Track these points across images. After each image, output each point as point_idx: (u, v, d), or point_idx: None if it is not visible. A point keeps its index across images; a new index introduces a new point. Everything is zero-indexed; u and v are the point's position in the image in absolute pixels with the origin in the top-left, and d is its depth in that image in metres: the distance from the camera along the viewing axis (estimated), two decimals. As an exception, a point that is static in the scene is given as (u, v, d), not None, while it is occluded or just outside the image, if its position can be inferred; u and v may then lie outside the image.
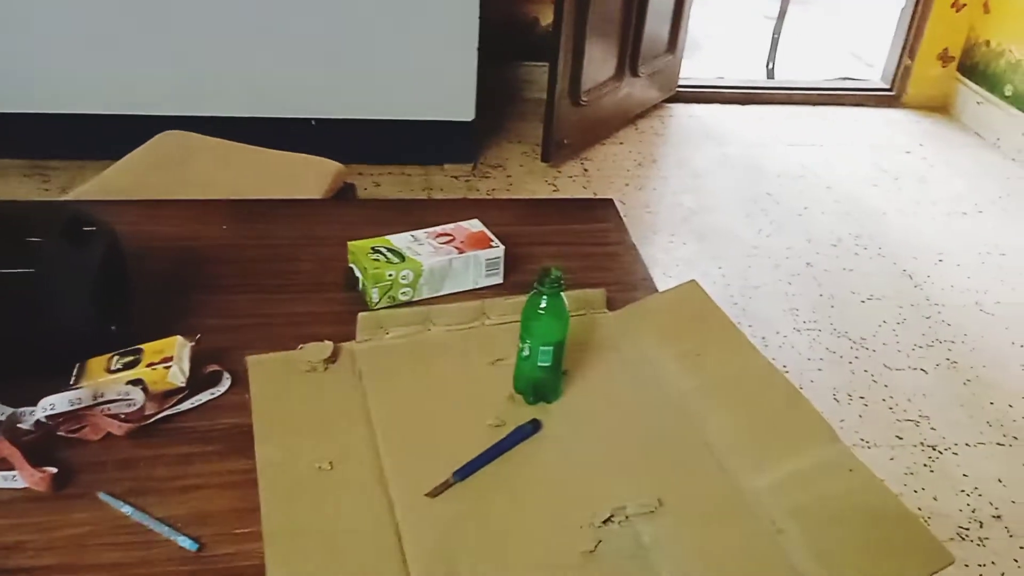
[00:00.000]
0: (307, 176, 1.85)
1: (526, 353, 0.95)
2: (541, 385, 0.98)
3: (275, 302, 1.16)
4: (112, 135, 2.33)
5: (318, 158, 1.91)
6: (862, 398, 2.06)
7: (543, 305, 0.93)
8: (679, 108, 3.47)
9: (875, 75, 3.93)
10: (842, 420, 1.98)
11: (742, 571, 0.81)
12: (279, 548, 0.79)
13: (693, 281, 1.18)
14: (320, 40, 2.61)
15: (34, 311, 0.93)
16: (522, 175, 2.85)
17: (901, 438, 1.96)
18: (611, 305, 1.17)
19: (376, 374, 1.01)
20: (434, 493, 0.86)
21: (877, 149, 3.36)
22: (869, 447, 1.91)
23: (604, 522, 0.84)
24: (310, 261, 1.24)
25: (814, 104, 3.65)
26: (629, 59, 3.08)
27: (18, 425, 0.89)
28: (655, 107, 3.41)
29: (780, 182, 3.03)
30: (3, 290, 0.92)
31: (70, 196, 1.76)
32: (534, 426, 0.94)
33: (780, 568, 0.81)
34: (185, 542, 0.79)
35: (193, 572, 0.77)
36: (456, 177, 2.80)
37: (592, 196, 2.79)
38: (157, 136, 1.93)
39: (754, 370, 1.05)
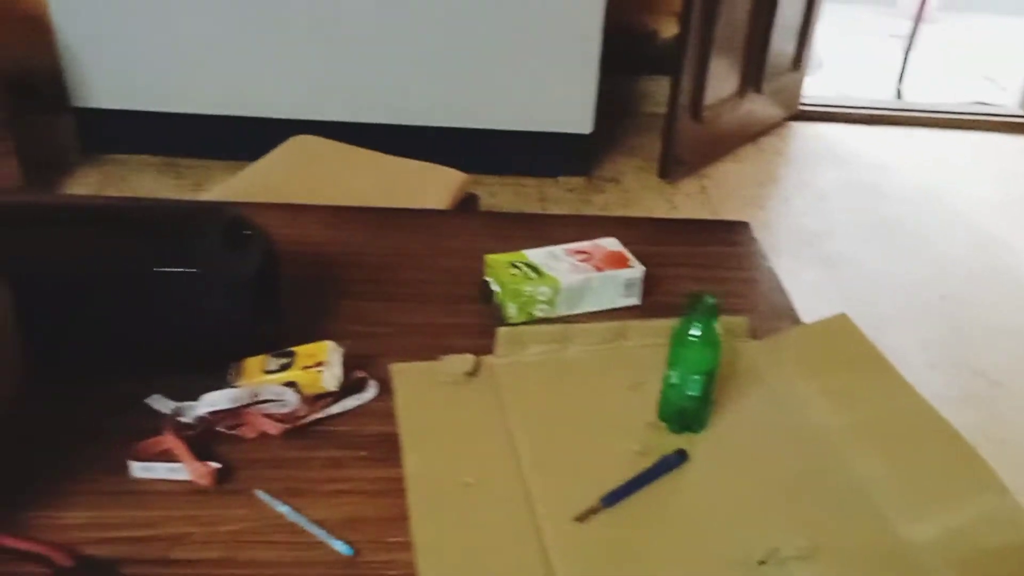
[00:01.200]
0: (432, 184, 1.88)
1: (674, 380, 0.93)
2: (688, 414, 0.95)
3: (410, 311, 1.17)
4: (240, 137, 2.43)
5: (442, 167, 1.93)
6: (1003, 441, 1.95)
7: (695, 332, 0.91)
8: (802, 127, 3.37)
9: (1010, 100, 3.73)
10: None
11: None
12: (431, 560, 0.79)
13: (843, 314, 1.14)
14: (443, 49, 2.65)
15: (194, 310, 0.97)
16: (638, 190, 2.82)
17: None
18: (753, 334, 1.13)
19: (516, 391, 1.01)
20: (582, 518, 0.84)
21: (1010, 177, 3.18)
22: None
23: (759, 563, 0.81)
24: (442, 272, 1.25)
25: (944, 128, 3.49)
26: (753, 75, 3.01)
27: (179, 419, 0.92)
28: (777, 125, 3.32)
29: (906, 207, 2.90)
30: (167, 289, 0.95)
31: (210, 195, 1.84)
32: (681, 456, 0.92)
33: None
34: (340, 547, 0.80)
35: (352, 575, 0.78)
36: (571, 190, 2.79)
37: (711, 215, 2.74)
38: (289, 140, 1.99)
39: (911, 410, 1.00)
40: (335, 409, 0.97)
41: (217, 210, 1.02)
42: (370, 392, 1.00)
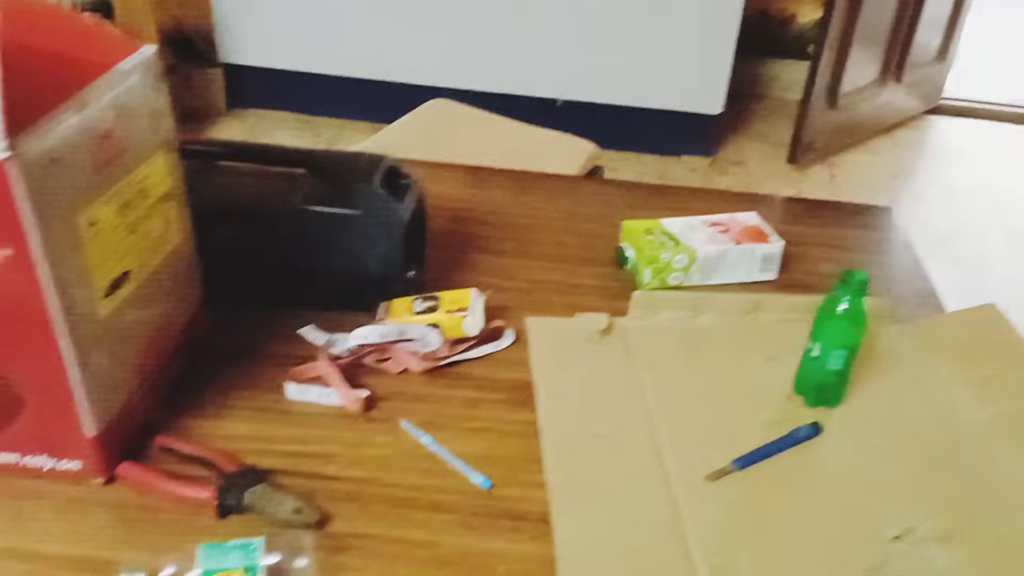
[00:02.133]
0: (561, 153, 1.90)
1: (816, 353, 0.93)
2: (826, 388, 0.95)
3: (545, 269, 1.20)
4: (375, 99, 2.52)
5: (573, 136, 1.95)
6: None
7: (843, 308, 0.90)
8: (941, 121, 3.22)
9: None
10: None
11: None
12: (564, 500, 0.82)
13: (992, 304, 1.09)
14: (579, 23, 2.66)
15: (353, 249, 1.02)
16: (763, 175, 2.77)
17: None
18: (895, 318, 1.11)
19: (648, 353, 1.03)
20: (713, 477, 0.86)
21: None
22: None
23: (894, 539, 0.80)
24: (577, 235, 1.28)
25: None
26: (894, 64, 2.89)
27: (331, 350, 0.98)
28: (915, 118, 3.19)
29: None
30: (329, 228, 1.01)
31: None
32: (815, 428, 0.92)
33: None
34: (478, 478, 0.84)
35: (485, 506, 0.82)
36: (693, 170, 2.76)
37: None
38: (426, 103, 2.05)
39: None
40: (473, 353, 1.01)
41: (378, 158, 1.07)
42: (506, 340, 1.03)
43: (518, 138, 1.95)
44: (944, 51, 3.12)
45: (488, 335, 1.03)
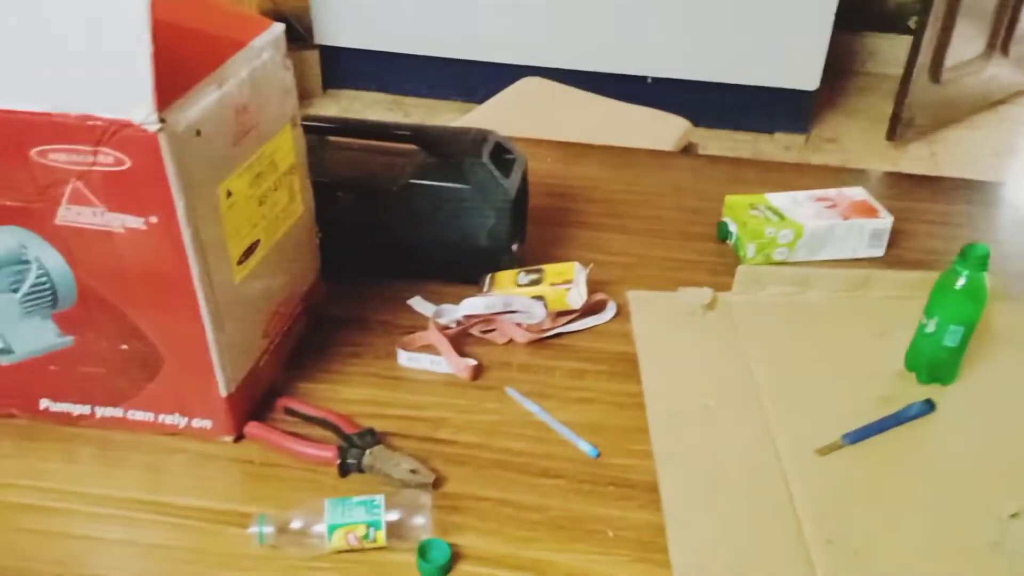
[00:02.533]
0: (656, 130, 1.89)
1: (931, 329, 0.91)
2: (940, 365, 0.93)
3: (646, 244, 1.20)
4: (464, 79, 2.54)
5: (667, 113, 1.94)
6: None
7: (962, 283, 0.88)
8: (1050, 95, 3.06)
9: None
10: None
11: None
12: (672, 469, 0.83)
13: (1118, 283, 1.05)
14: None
15: (462, 223, 1.05)
16: (859, 152, 2.68)
17: None
18: (1012, 296, 1.07)
19: (754, 328, 1.02)
20: (824, 452, 0.85)
21: None
22: None
23: (1012, 516, 0.79)
24: (678, 210, 1.27)
25: None
26: (1001, 38, 2.76)
27: (440, 320, 1.01)
28: (1021, 93, 3.04)
29: None
30: (438, 203, 1.04)
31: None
32: (929, 405, 0.90)
33: None
34: (585, 446, 0.86)
35: (592, 473, 0.83)
36: (787, 148, 2.70)
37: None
38: (519, 81, 2.06)
39: None
40: (577, 326, 1.02)
41: (485, 133, 1.09)
42: (609, 313, 1.04)
43: (611, 115, 1.95)
44: (1057, 21, 2.95)
45: (590, 308, 1.04)
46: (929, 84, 2.60)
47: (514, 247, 1.09)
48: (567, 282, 1.02)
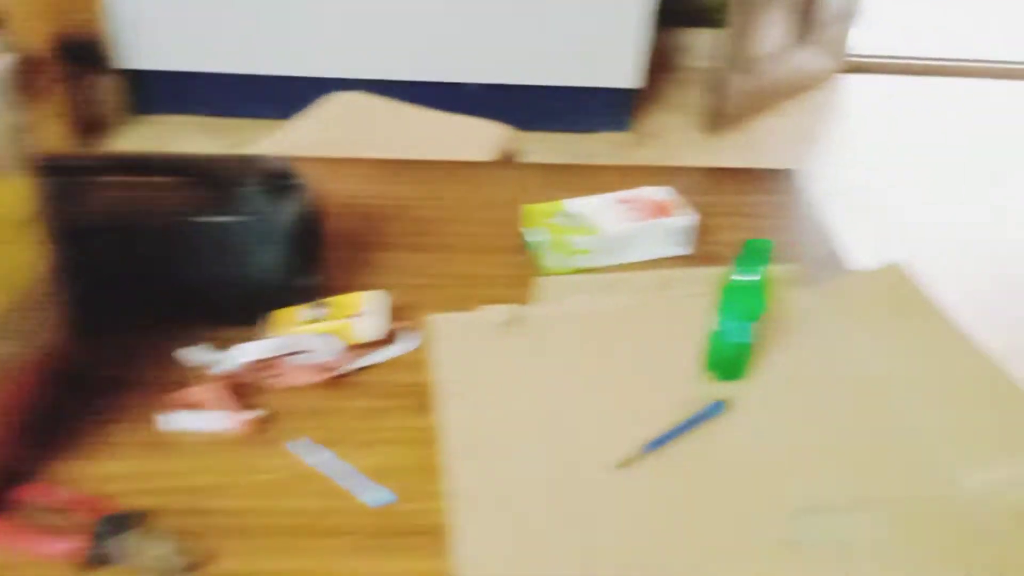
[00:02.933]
0: (473, 139, 1.85)
1: (720, 328, 0.90)
2: (731, 362, 0.92)
3: (450, 262, 1.15)
4: (281, 95, 2.42)
5: (484, 121, 1.90)
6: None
7: (745, 279, 0.87)
8: (852, 80, 3.25)
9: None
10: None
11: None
12: (466, 508, 0.78)
13: (896, 264, 1.08)
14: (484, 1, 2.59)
15: (232, 261, 0.96)
16: (680, 146, 2.76)
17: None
18: (802, 282, 1.09)
19: (555, 342, 0.99)
20: (624, 464, 0.82)
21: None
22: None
23: (802, 513, 0.78)
24: (483, 223, 1.23)
25: (1002, 78, 3.33)
26: (803, 26, 2.90)
27: (213, 370, 0.92)
28: (826, 78, 3.21)
29: (964, 164, 2.78)
30: (204, 239, 0.94)
31: (251, 152, 1.83)
32: (719, 406, 0.89)
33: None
34: (374, 495, 0.79)
35: (382, 525, 0.77)
36: (611, 146, 2.73)
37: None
38: (329, 96, 1.98)
39: (968, 362, 0.95)
40: (371, 359, 0.96)
41: (256, 161, 1.00)
42: (408, 343, 0.98)
43: (427, 126, 1.89)
44: (851, 10, 3.14)
45: (389, 338, 0.98)
46: (738, 75, 2.70)
47: (304, 281, 1.01)
48: (354, 314, 0.95)
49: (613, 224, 1.12)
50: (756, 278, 0.87)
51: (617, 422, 0.88)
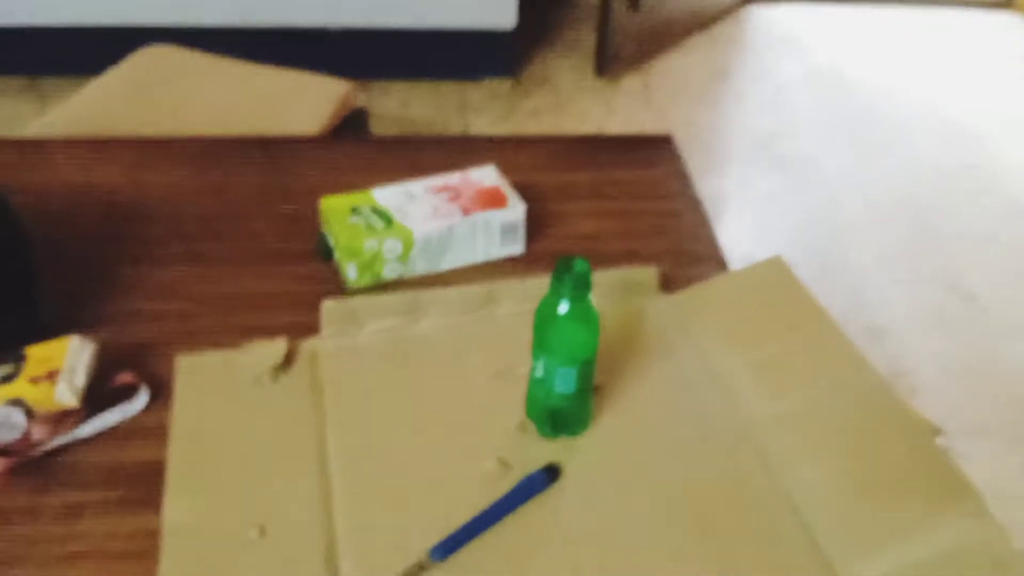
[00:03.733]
0: (308, 99, 1.57)
1: (540, 374, 0.68)
2: (561, 416, 0.71)
3: (225, 277, 0.89)
4: (104, 48, 2.07)
5: (322, 77, 1.62)
6: (974, 370, 1.74)
7: (563, 311, 0.65)
8: (759, 11, 3.03)
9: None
10: (950, 401, 1.67)
11: None
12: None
13: (778, 258, 0.88)
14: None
15: None
16: (572, 92, 2.50)
17: None
18: (667, 286, 0.88)
19: (341, 388, 0.76)
20: (400, 583, 0.61)
21: (990, 61, 2.89)
22: (983, 437, 1.60)
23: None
24: (277, 221, 0.97)
25: (915, 4, 3.16)
26: (701, -47, 2.66)
27: None
28: (730, 10, 2.98)
29: (875, 100, 2.61)
30: None
31: (46, 120, 1.52)
32: (549, 475, 0.68)
33: None
34: (42, 657, 0.56)
35: None
36: (495, 95, 2.47)
37: (655, 116, 2.44)
38: (137, 52, 1.66)
39: (861, 390, 0.75)
40: (86, 430, 0.71)
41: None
42: (139, 403, 0.74)
43: (253, 86, 1.60)
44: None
45: (115, 397, 0.74)
46: (630, 11, 2.44)
47: (11, 323, 0.75)
48: (54, 371, 0.70)
49: (427, 222, 0.88)
50: (577, 309, 0.65)
51: (409, 509, 0.66)
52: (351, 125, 1.60)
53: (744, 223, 2.11)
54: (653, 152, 1.12)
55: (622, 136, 1.16)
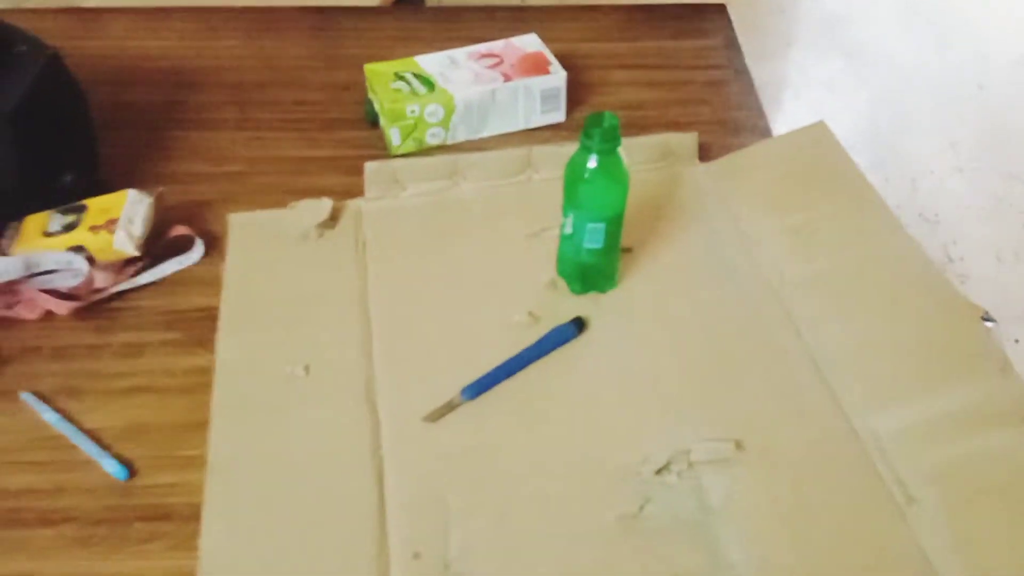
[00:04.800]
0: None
1: (569, 230, 0.70)
2: (590, 272, 0.73)
3: (273, 142, 0.92)
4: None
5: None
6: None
7: (592, 166, 0.66)
8: None
9: None
10: (1005, 286, 1.63)
11: (847, 555, 0.58)
12: (222, 483, 0.61)
13: (821, 123, 0.87)
14: None
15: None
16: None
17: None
18: (706, 154, 0.88)
19: (384, 245, 0.79)
20: (433, 417, 0.65)
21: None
22: (1033, 321, 1.58)
23: (658, 471, 0.61)
24: (323, 88, 0.99)
25: None
26: None
27: (-58, 299, 0.73)
28: None
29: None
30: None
31: None
32: (576, 327, 0.70)
33: (903, 555, 0.57)
34: (112, 466, 0.62)
35: (116, 506, 0.60)
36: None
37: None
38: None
39: (895, 257, 0.75)
40: (145, 278, 0.76)
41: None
42: (194, 254, 0.78)
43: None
44: None
45: (172, 249, 0.78)
46: None
47: (65, 179, 0.80)
48: (112, 221, 0.75)
49: (468, 87, 0.89)
50: (605, 165, 0.66)
51: (442, 355, 0.69)
52: None
53: (800, 109, 2.05)
54: (704, 21, 1.10)
55: (673, 3, 1.13)
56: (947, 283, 0.73)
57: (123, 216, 0.75)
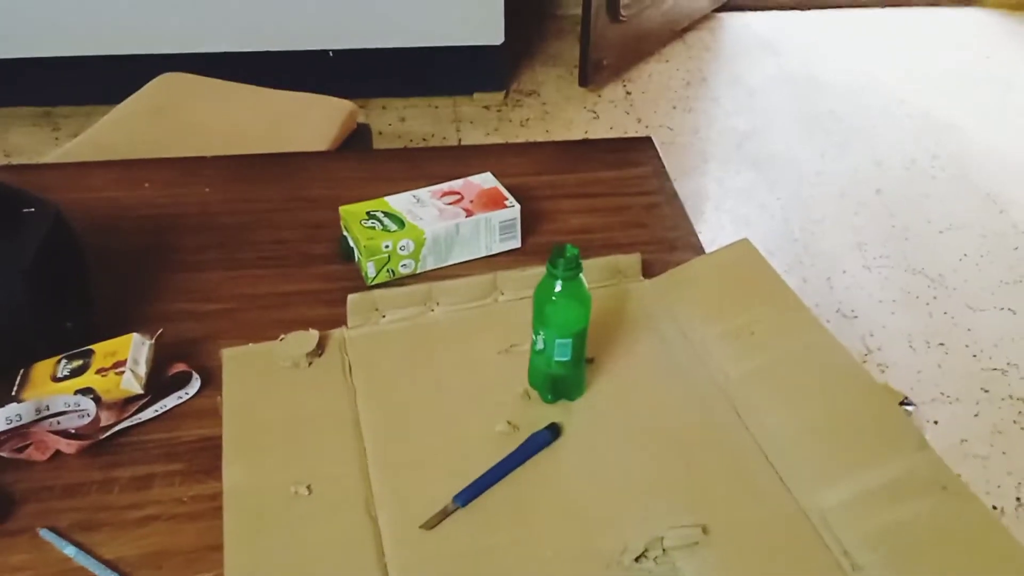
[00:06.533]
0: (315, 118, 1.68)
1: (540, 346, 0.79)
2: (559, 382, 0.82)
3: (257, 280, 1.00)
4: (116, 77, 2.19)
5: (327, 97, 1.74)
6: (941, 344, 1.85)
7: (558, 290, 0.76)
8: (731, 18, 3.17)
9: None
10: (919, 371, 1.78)
11: (807, 619, 0.66)
12: (241, 604, 0.66)
13: (745, 240, 0.99)
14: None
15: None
16: (559, 102, 2.63)
17: (987, 391, 1.75)
18: (648, 271, 0.99)
19: (368, 369, 0.87)
20: (430, 524, 0.71)
21: (954, 55, 3.03)
22: (951, 401, 1.72)
23: (636, 559, 0.69)
24: (300, 228, 1.09)
25: (883, 7, 3.30)
26: (674, -35, 2.78)
27: (-46, 446, 0.77)
28: (704, 18, 3.12)
29: (844, 97, 2.74)
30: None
31: (63, 149, 1.63)
32: (552, 433, 0.79)
33: (855, 615, 0.66)
34: (133, 595, 0.66)
35: (141, 635, 0.65)
36: (487, 107, 2.59)
37: (636, 121, 2.56)
38: (154, 80, 1.77)
39: (820, 352, 0.87)
40: (148, 414, 0.82)
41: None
42: (192, 388, 0.85)
43: (263, 108, 1.72)
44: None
45: (171, 384, 0.84)
46: (610, 23, 2.57)
47: (68, 325, 0.86)
48: (120, 364, 0.81)
49: (435, 223, 0.99)
50: (569, 288, 0.76)
51: (432, 466, 0.76)
52: (356, 141, 1.71)
53: (723, 218, 2.23)
54: (634, 153, 1.24)
55: (605, 139, 1.28)
56: (866, 373, 0.84)
57: (129, 358, 0.81)
